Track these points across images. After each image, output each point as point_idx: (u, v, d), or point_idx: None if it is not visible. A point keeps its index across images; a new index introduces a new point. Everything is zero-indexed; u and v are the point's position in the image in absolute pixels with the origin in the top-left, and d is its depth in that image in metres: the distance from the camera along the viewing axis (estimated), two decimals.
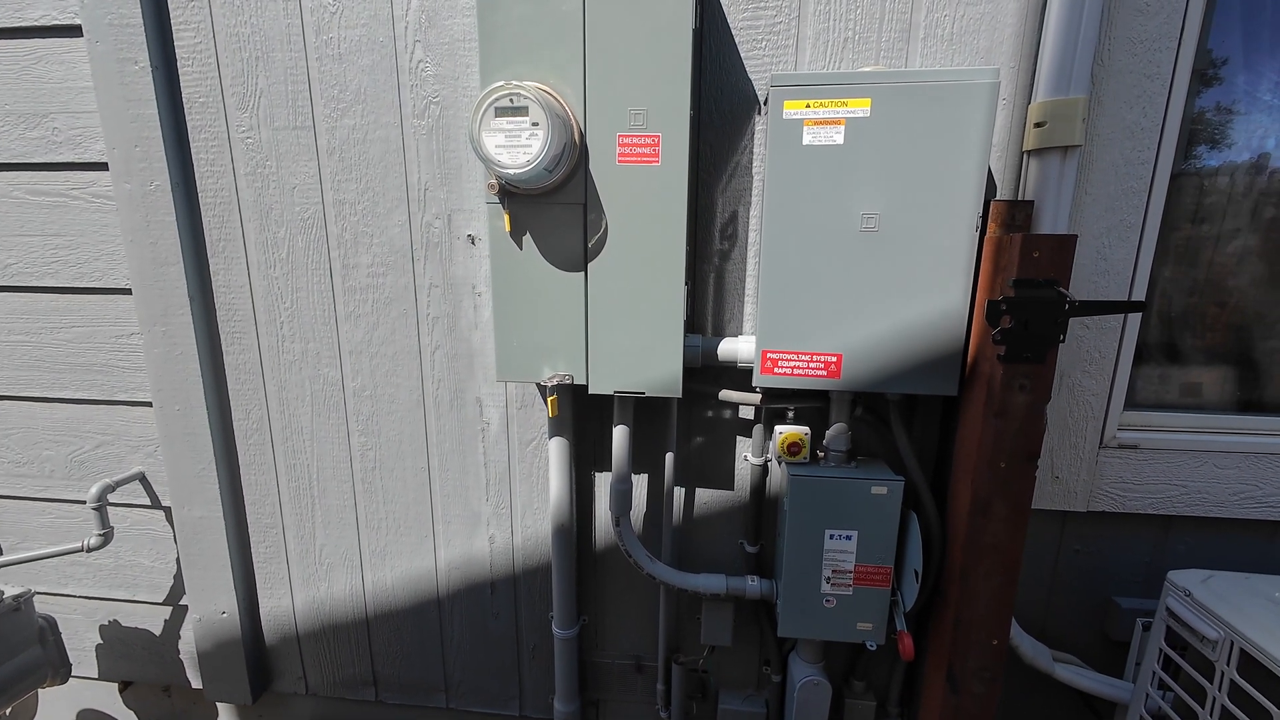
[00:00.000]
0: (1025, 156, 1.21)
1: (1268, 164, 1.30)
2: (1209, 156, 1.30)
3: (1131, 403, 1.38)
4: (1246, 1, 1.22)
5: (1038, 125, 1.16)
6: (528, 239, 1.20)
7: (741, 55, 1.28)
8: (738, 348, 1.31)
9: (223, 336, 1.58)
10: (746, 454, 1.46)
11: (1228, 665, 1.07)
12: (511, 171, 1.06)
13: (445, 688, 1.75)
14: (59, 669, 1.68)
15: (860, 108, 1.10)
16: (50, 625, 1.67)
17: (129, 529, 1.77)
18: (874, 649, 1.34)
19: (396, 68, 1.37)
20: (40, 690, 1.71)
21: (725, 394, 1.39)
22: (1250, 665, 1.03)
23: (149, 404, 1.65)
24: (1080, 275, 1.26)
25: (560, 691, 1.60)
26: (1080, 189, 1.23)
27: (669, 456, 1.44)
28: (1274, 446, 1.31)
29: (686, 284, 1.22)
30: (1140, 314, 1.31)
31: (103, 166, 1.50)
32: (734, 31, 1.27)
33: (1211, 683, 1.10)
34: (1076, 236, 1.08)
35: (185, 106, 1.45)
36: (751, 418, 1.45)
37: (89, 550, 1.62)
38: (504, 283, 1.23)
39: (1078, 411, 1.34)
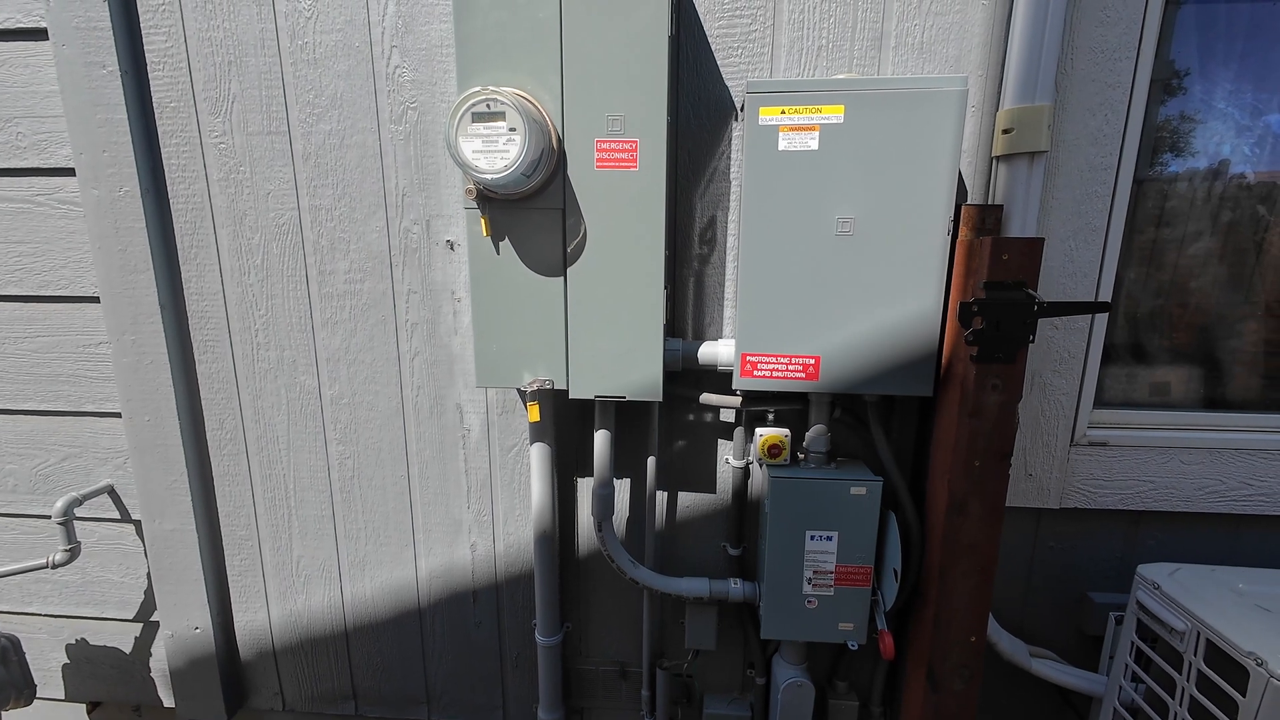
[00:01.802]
0: (994, 162, 1.24)
1: (1225, 170, 1.34)
2: (1169, 162, 1.35)
3: (1101, 401, 1.41)
4: (1201, 13, 1.27)
5: (1005, 131, 1.19)
6: (506, 244, 1.20)
7: (718, 62, 1.30)
8: (718, 351, 1.32)
9: (195, 345, 1.55)
10: (728, 457, 1.47)
11: (1195, 655, 1.10)
12: (489, 177, 1.06)
13: (427, 699, 1.72)
14: (23, 690, 1.62)
15: (834, 114, 1.12)
16: (13, 645, 1.61)
17: (97, 544, 1.72)
18: (856, 649, 1.35)
19: (373, 73, 1.36)
20: (3, 713, 1.64)
21: (706, 397, 1.39)
22: (1216, 655, 1.06)
23: (118, 415, 1.60)
24: (1049, 277, 1.30)
25: (544, 700, 1.58)
26: (1047, 193, 1.26)
27: (651, 460, 1.44)
28: (1235, 442, 1.36)
29: (666, 288, 1.22)
30: (1107, 314, 1.35)
31: (69, 172, 1.47)
32: (710, 39, 1.29)
33: (1180, 673, 1.13)
34: (1044, 240, 1.11)
35: (156, 111, 1.42)
36: (732, 421, 1.46)
37: (54, 567, 1.57)
38: (483, 288, 1.22)
39: (1049, 410, 1.37)
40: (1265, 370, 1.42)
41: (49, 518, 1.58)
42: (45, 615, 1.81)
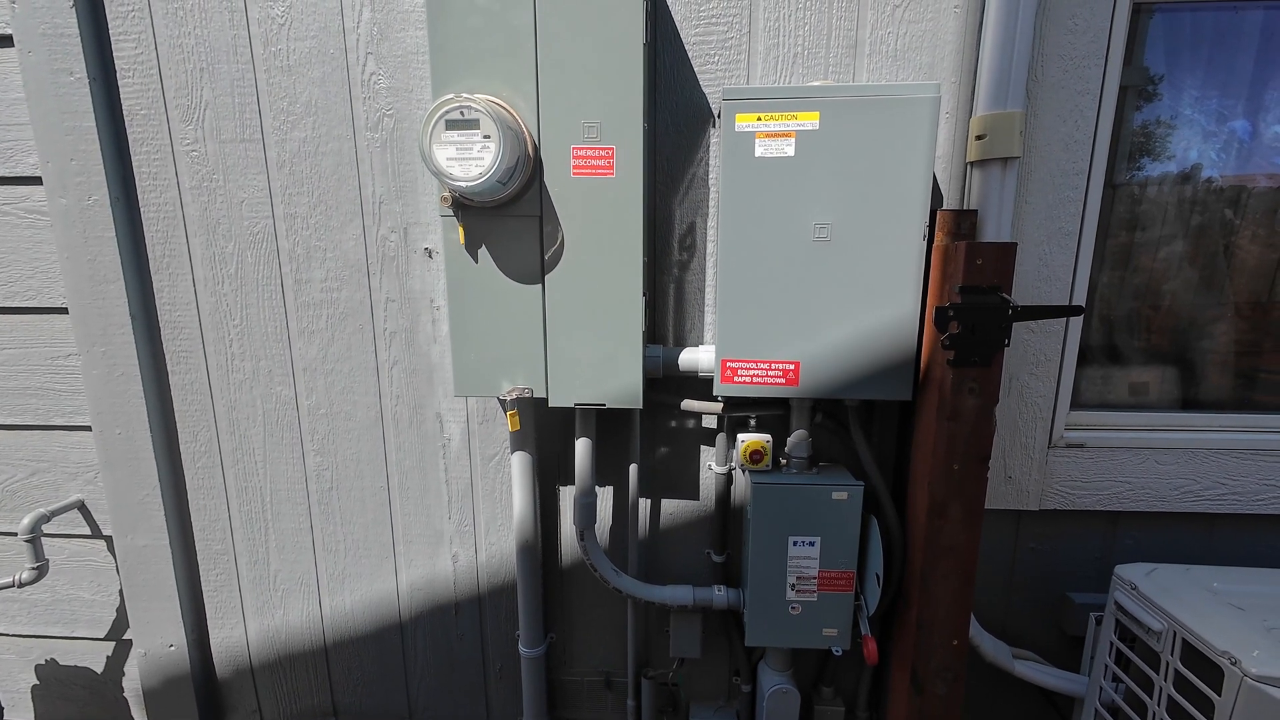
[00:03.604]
0: (969, 167, 1.26)
1: (1196, 174, 1.37)
2: (1140, 167, 1.37)
3: (1077, 403, 1.43)
4: (1167, 21, 1.30)
5: (979, 138, 1.20)
6: (483, 252, 1.19)
7: (695, 69, 1.30)
8: (698, 357, 1.32)
9: (167, 356, 1.52)
10: (710, 463, 1.46)
11: (1172, 655, 1.10)
12: (463, 184, 1.05)
13: (409, 713, 1.69)
14: None
15: (809, 121, 1.12)
16: None
17: (67, 560, 1.68)
18: (840, 654, 1.35)
19: (348, 80, 1.35)
20: None
21: (687, 403, 1.39)
22: (1192, 654, 1.07)
23: (88, 428, 1.57)
24: (1024, 281, 1.31)
25: (528, 712, 1.56)
26: (1021, 198, 1.28)
27: (633, 468, 1.43)
28: (1208, 442, 1.37)
29: (645, 295, 1.22)
30: (1081, 317, 1.36)
31: (36, 181, 1.44)
32: (687, 47, 1.29)
33: (1158, 673, 1.14)
34: (1016, 244, 1.12)
35: (126, 118, 1.40)
36: (714, 427, 1.46)
37: (21, 585, 1.53)
38: (460, 296, 1.21)
39: (1027, 413, 1.38)
40: (1236, 370, 1.44)
41: (15, 535, 1.53)
42: (13, 635, 1.75)
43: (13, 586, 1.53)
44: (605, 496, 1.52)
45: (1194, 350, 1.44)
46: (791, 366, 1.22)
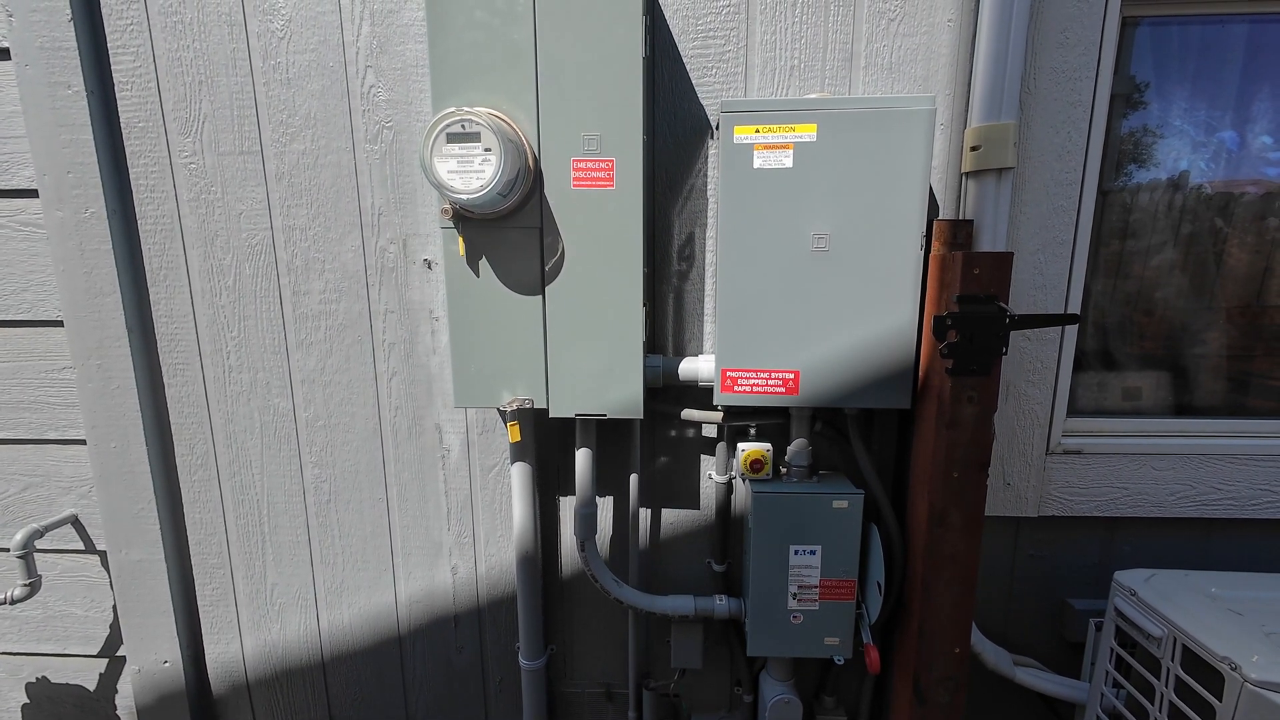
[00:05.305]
0: (964, 178, 1.27)
1: (1185, 182, 1.39)
2: (1131, 177, 1.39)
3: (1074, 410, 1.44)
4: (1156, 35, 1.32)
5: (973, 149, 1.22)
6: (484, 263, 1.19)
7: (693, 81, 1.31)
8: (698, 367, 1.32)
9: (164, 368, 1.51)
10: (711, 472, 1.47)
11: (1172, 661, 1.11)
12: (464, 197, 1.05)
13: None
14: None
15: (807, 132, 1.13)
16: None
17: (59, 576, 1.66)
18: (842, 663, 1.35)
19: (348, 92, 1.35)
20: None
21: (687, 413, 1.39)
22: (1192, 660, 1.07)
23: (82, 442, 1.55)
24: (1020, 289, 1.32)
25: None
26: (1015, 208, 1.29)
27: (633, 478, 1.43)
28: (1204, 448, 1.39)
29: (645, 305, 1.22)
30: (1076, 325, 1.37)
31: (32, 194, 1.43)
32: (685, 59, 1.30)
33: (1159, 679, 1.14)
34: (1013, 254, 1.14)
35: (124, 131, 1.39)
36: (714, 436, 1.46)
37: (12, 602, 1.50)
38: (460, 307, 1.21)
39: (1025, 420, 1.39)
40: (1229, 375, 1.46)
41: (7, 551, 1.51)
42: (3, 653, 1.73)
43: (4, 603, 1.51)
44: (605, 507, 1.51)
45: (1188, 356, 1.46)
46: (791, 375, 1.22)
